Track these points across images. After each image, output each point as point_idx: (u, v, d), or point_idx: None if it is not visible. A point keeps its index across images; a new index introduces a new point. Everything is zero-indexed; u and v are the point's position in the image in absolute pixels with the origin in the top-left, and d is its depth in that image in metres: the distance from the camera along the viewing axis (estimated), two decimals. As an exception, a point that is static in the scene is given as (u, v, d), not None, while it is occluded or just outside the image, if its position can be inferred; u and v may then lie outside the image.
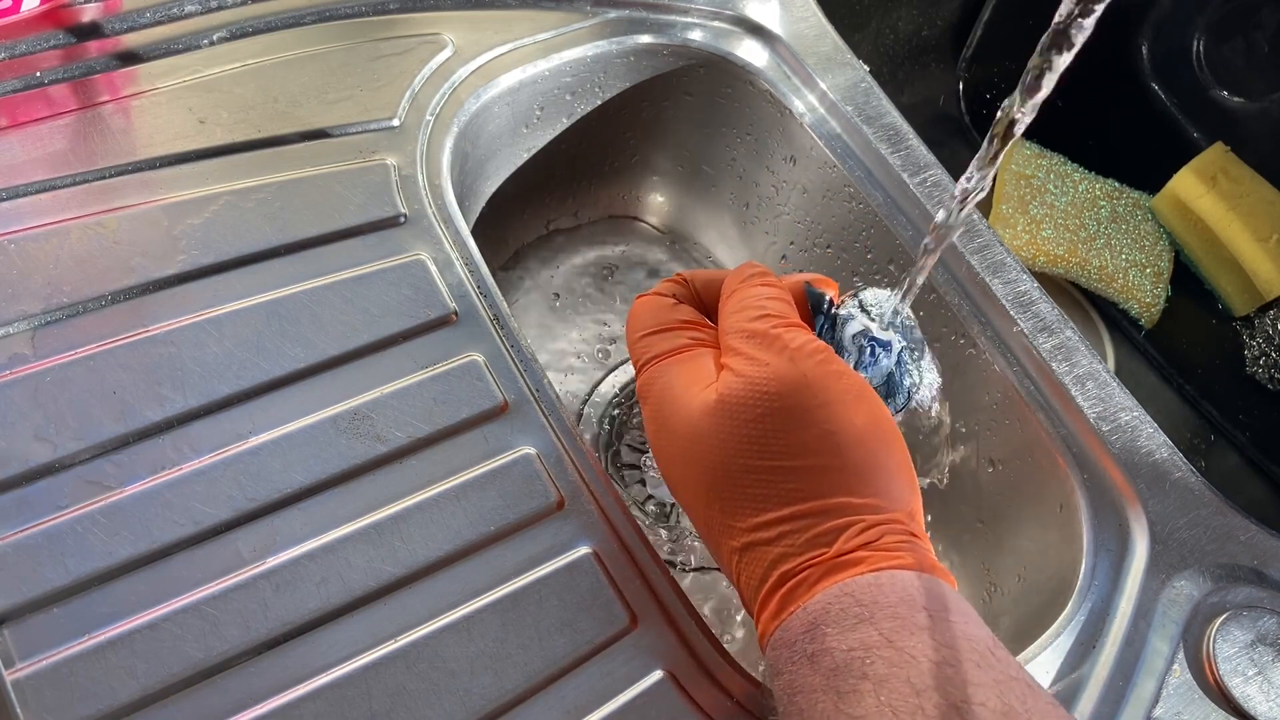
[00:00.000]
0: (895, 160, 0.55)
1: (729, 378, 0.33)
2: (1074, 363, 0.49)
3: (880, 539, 0.30)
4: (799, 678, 0.29)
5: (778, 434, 0.31)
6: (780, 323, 0.34)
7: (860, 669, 0.28)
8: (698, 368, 0.34)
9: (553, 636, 0.36)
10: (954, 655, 0.28)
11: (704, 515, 0.33)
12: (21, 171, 0.42)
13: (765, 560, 0.31)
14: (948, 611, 0.29)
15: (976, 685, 0.27)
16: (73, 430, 0.36)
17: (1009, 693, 0.27)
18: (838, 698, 0.27)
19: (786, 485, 0.31)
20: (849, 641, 0.28)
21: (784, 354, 0.32)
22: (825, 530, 0.30)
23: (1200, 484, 0.46)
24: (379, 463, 0.38)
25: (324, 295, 0.42)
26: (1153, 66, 0.78)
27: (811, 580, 0.30)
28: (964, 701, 0.26)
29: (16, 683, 0.31)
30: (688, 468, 0.33)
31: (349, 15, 0.52)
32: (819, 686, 0.28)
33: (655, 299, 0.38)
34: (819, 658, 0.28)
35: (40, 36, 0.46)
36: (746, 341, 0.33)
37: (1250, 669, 0.41)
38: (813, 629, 0.29)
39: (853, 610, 0.29)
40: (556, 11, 0.56)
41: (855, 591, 0.29)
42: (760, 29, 0.59)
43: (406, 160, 0.48)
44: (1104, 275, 0.71)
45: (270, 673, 0.33)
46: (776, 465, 0.31)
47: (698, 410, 0.33)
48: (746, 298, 0.35)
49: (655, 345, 0.36)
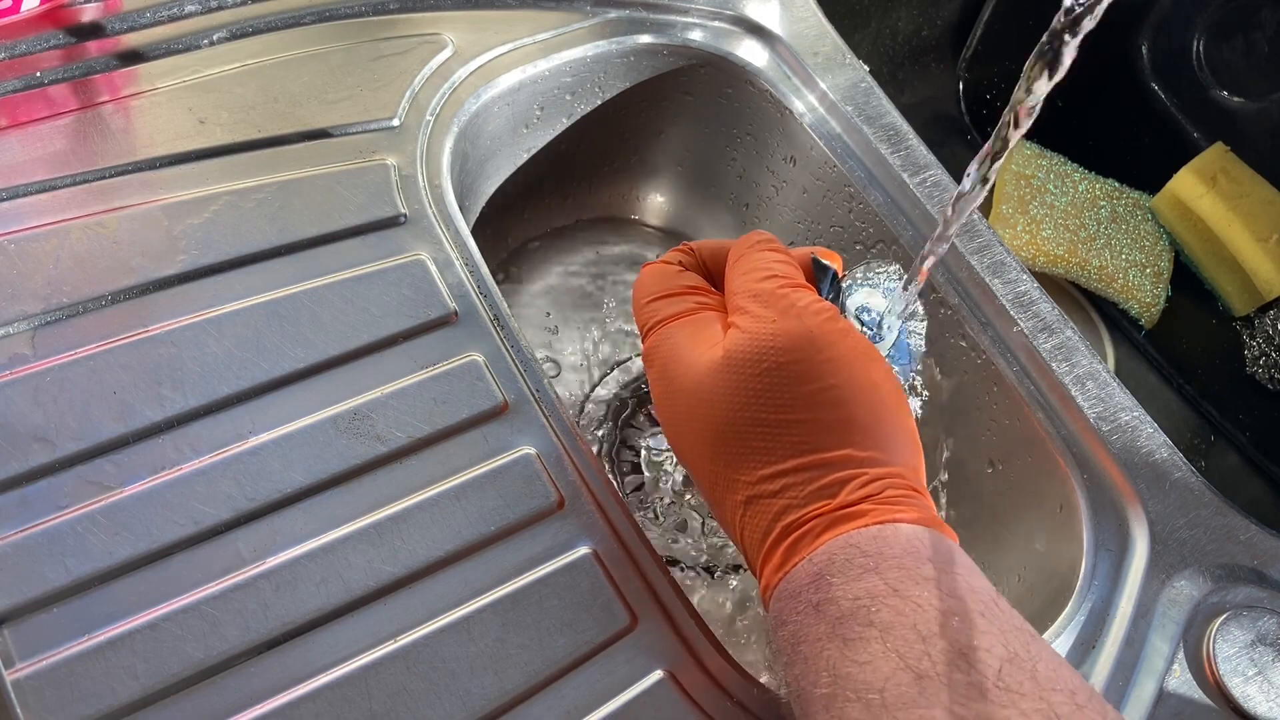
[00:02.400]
0: (895, 160, 0.55)
1: (735, 334, 0.33)
2: (1074, 363, 0.49)
3: (883, 492, 0.31)
4: (804, 627, 0.29)
5: (783, 388, 0.31)
6: (787, 283, 0.34)
7: (866, 616, 0.28)
8: (704, 329, 0.35)
9: (553, 636, 0.36)
10: (959, 605, 0.28)
11: (708, 471, 0.33)
12: (21, 171, 0.42)
13: (769, 513, 0.31)
14: (952, 564, 0.29)
15: (982, 633, 0.27)
16: (73, 430, 0.36)
17: (1013, 640, 0.27)
18: (843, 644, 0.28)
19: (791, 438, 0.31)
20: (855, 590, 0.28)
21: (790, 311, 0.33)
22: (829, 483, 0.31)
23: (1200, 484, 0.46)
24: (379, 463, 0.38)
25: (324, 295, 0.42)
26: (1153, 66, 0.78)
27: (816, 531, 0.30)
28: (969, 647, 0.27)
29: (16, 683, 0.31)
30: (693, 424, 0.33)
31: (349, 15, 0.52)
32: (824, 634, 0.28)
33: (661, 266, 0.38)
34: (824, 606, 0.29)
35: (40, 36, 0.46)
36: (753, 300, 0.34)
37: (1250, 669, 0.41)
38: (818, 579, 0.29)
39: (858, 560, 0.29)
40: (556, 11, 0.56)
41: (860, 543, 0.29)
42: (760, 29, 0.59)
43: (406, 160, 0.48)
44: (1104, 275, 0.71)
45: (270, 673, 0.33)
46: (781, 419, 0.31)
47: (704, 367, 0.33)
48: (754, 261, 0.36)
49: (662, 309, 0.36)
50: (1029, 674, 0.26)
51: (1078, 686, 0.27)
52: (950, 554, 0.30)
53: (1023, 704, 0.25)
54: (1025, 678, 0.26)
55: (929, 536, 0.30)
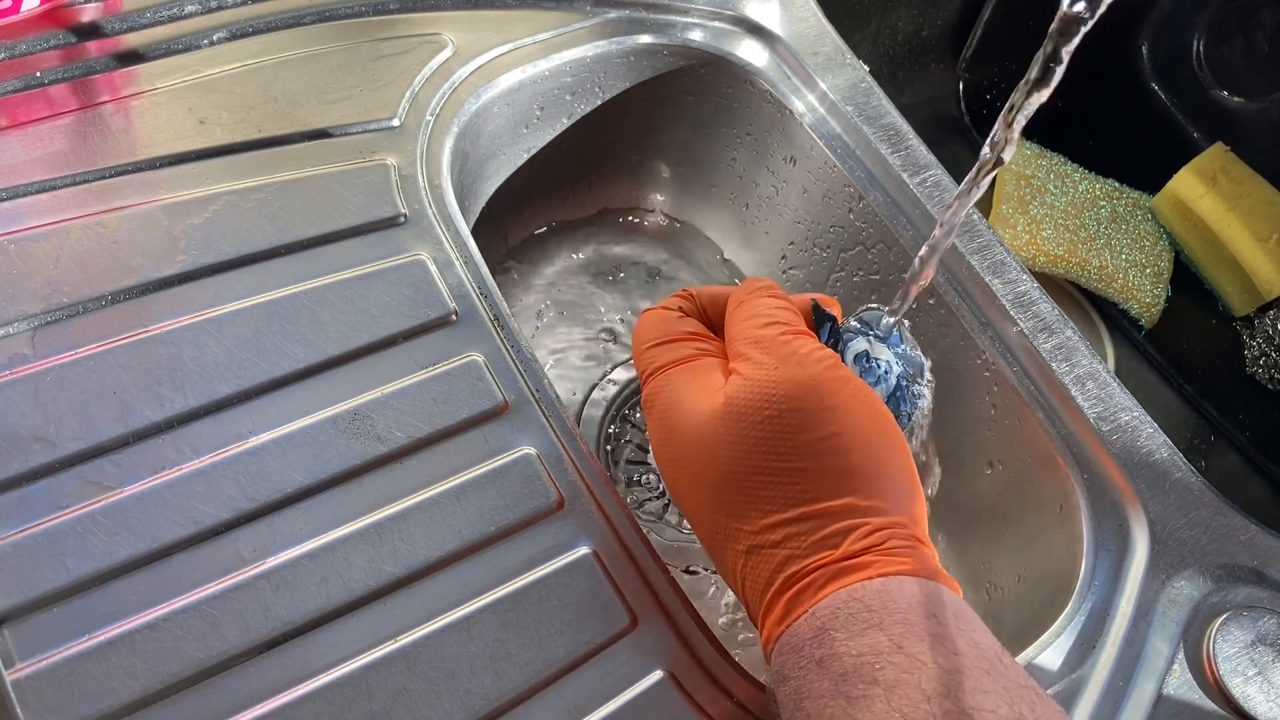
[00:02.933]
0: (895, 160, 0.55)
1: (737, 381, 0.33)
2: (1074, 363, 0.49)
3: (886, 542, 0.30)
4: (806, 683, 0.29)
5: (785, 436, 0.31)
6: (789, 330, 0.34)
7: (870, 674, 0.27)
8: (704, 375, 0.34)
9: (553, 636, 0.36)
10: (963, 662, 0.28)
11: (709, 520, 0.33)
12: (21, 171, 0.42)
13: (771, 563, 0.31)
14: (957, 619, 0.29)
15: (986, 692, 0.27)
16: (73, 430, 0.36)
17: (1018, 700, 0.27)
18: (847, 703, 0.27)
19: (793, 487, 0.31)
20: (858, 646, 0.28)
21: (792, 359, 0.32)
22: (832, 533, 0.31)
23: (1200, 484, 0.46)
24: (379, 463, 0.38)
25: (324, 295, 0.42)
26: (1153, 66, 0.78)
27: (819, 583, 0.30)
28: (974, 708, 0.26)
29: (16, 683, 0.31)
30: (694, 472, 0.33)
31: (349, 15, 0.52)
32: (827, 691, 0.28)
33: (661, 312, 0.38)
34: (827, 662, 0.28)
35: (40, 36, 0.46)
36: (755, 347, 0.33)
37: (1250, 669, 0.41)
38: (821, 633, 0.29)
39: (861, 615, 0.29)
40: (556, 11, 0.56)
41: (864, 597, 0.29)
42: (760, 29, 0.59)
43: (406, 160, 0.48)
44: (1104, 275, 0.71)
45: (270, 673, 0.33)
46: (783, 467, 0.31)
47: (705, 414, 0.33)
48: (755, 307, 0.35)
49: (661, 356, 0.36)
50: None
51: None
52: (955, 609, 0.29)
53: None
54: None
55: (933, 590, 0.30)
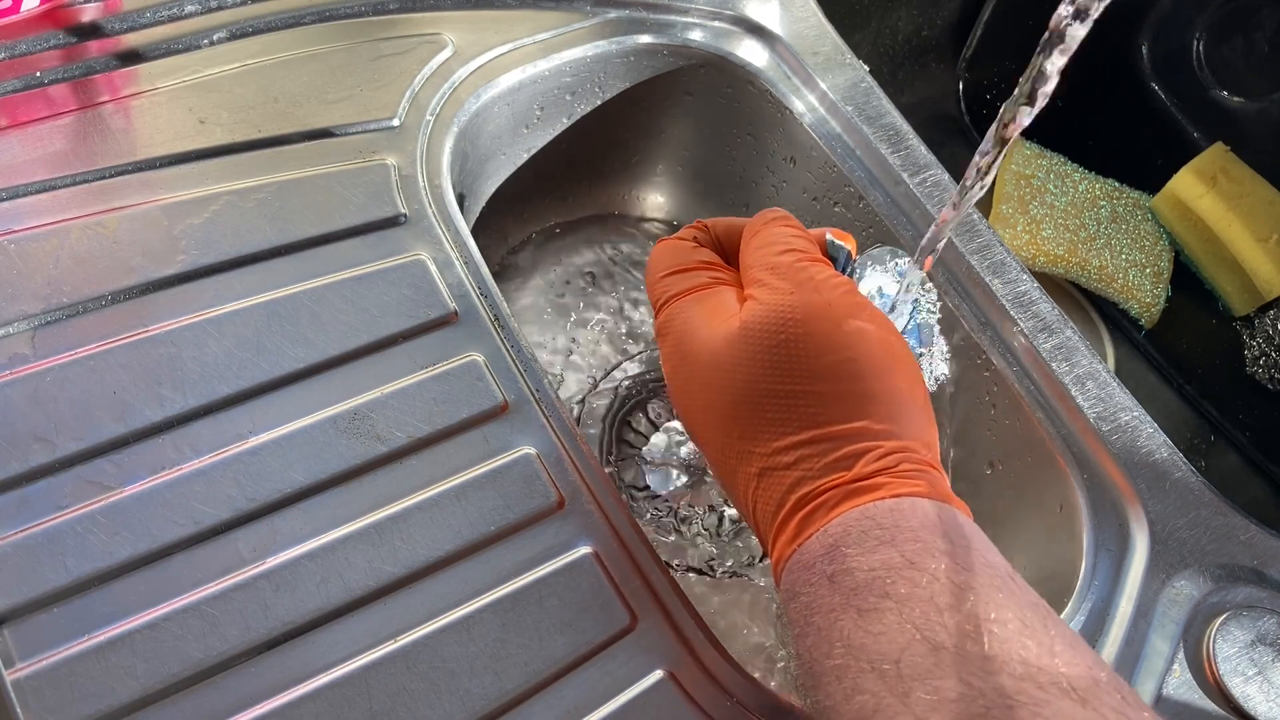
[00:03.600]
0: (895, 160, 0.55)
1: (752, 305, 0.33)
2: (1074, 363, 0.49)
3: (898, 465, 0.30)
4: (817, 598, 0.29)
5: (800, 359, 0.31)
6: (805, 257, 0.34)
7: (882, 588, 0.28)
8: (719, 302, 0.34)
9: (553, 636, 0.36)
10: (974, 579, 0.28)
11: (720, 443, 0.33)
12: (21, 171, 0.42)
13: (783, 485, 0.31)
14: (968, 539, 0.29)
15: (999, 606, 0.27)
16: (73, 430, 0.36)
17: (1030, 616, 0.27)
18: (858, 615, 0.28)
19: (806, 409, 0.31)
20: (870, 562, 0.28)
21: (809, 284, 0.32)
22: (844, 454, 0.31)
23: (1200, 484, 0.46)
24: (379, 463, 0.38)
25: (324, 295, 0.42)
26: (1153, 66, 0.78)
27: (830, 503, 0.30)
28: (986, 620, 0.27)
29: (16, 683, 0.31)
30: (708, 395, 0.33)
31: (349, 15, 0.52)
32: (839, 605, 0.28)
33: (675, 242, 0.38)
34: (839, 578, 0.29)
35: (40, 36, 0.46)
36: (771, 273, 0.33)
37: (1250, 669, 0.41)
38: (832, 550, 0.29)
39: (874, 533, 0.29)
40: (556, 11, 0.56)
41: (875, 515, 0.29)
42: (760, 29, 0.59)
43: (406, 160, 0.48)
44: (1104, 275, 0.71)
45: (270, 673, 0.33)
46: (797, 389, 0.31)
47: (720, 338, 0.33)
48: (771, 235, 0.35)
49: (675, 284, 0.36)
50: (1046, 649, 0.26)
51: (1094, 663, 0.27)
52: (966, 529, 0.30)
53: (1040, 678, 0.25)
54: (1043, 653, 0.26)
55: (945, 511, 0.30)
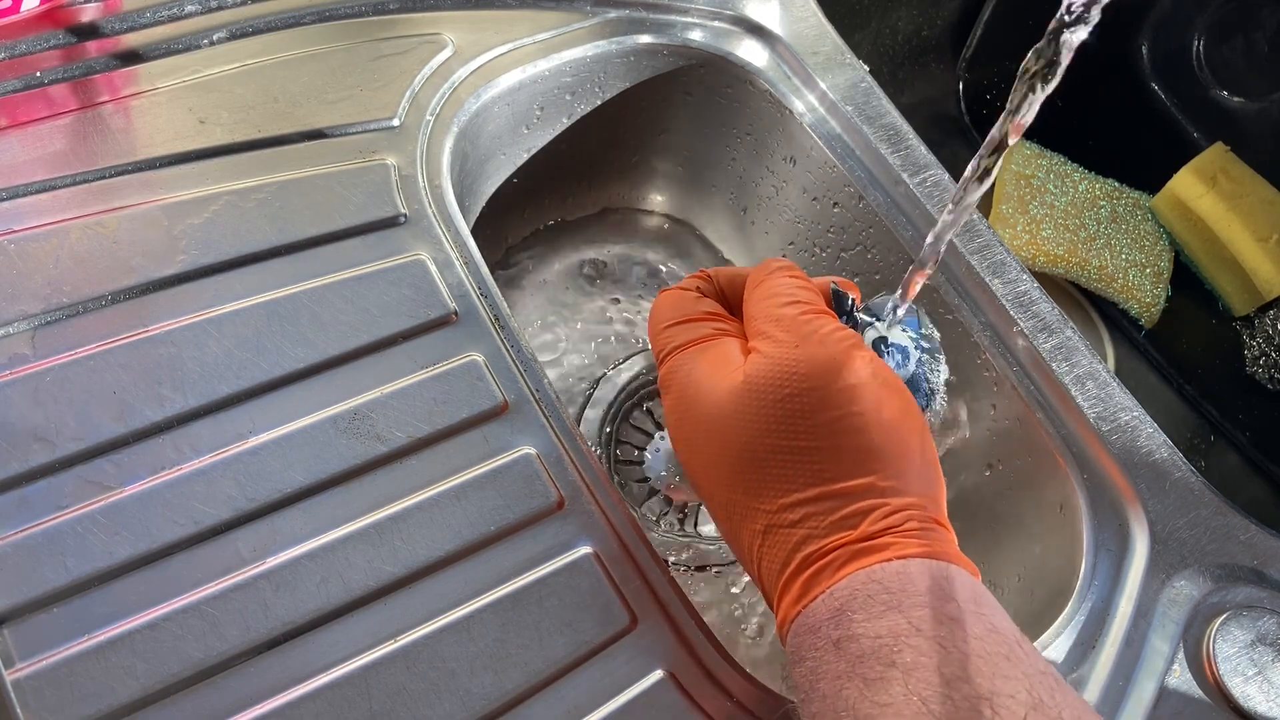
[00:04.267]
0: (895, 160, 0.55)
1: (756, 359, 0.32)
2: (1074, 363, 0.49)
3: (905, 524, 0.30)
4: (823, 664, 0.29)
5: (805, 415, 0.31)
6: (809, 309, 0.34)
7: (888, 656, 0.27)
8: (723, 355, 0.34)
9: (553, 636, 0.36)
10: (983, 647, 0.27)
11: (725, 499, 0.33)
12: (21, 171, 0.42)
13: (788, 543, 0.31)
14: (976, 603, 0.29)
15: (1006, 677, 0.27)
16: (73, 430, 0.36)
17: (1038, 686, 0.27)
18: (864, 685, 0.27)
19: (812, 466, 0.31)
20: (877, 629, 0.28)
21: (813, 337, 0.32)
22: (850, 513, 0.30)
23: (1200, 484, 0.46)
24: (379, 463, 0.38)
25: (324, 295, 0.42)
26: (1153, 66, 0.78)
27: (837, 564, 0.30)
28: (993, 693, 0.26)
29: (16, 683, 0.31)
30: (711, 450, 0.33)
31: (349, 15, 0.52)
32: (844, 673, 0.28)
33: (678, 292, 0.37)
34: (845, 644, 0.28)
35: (40, 36, 0.46)
36: (775, 325, 0.33)
37: (1250, 669, 0.41)
38: (839, 615, 0.29)
39: (880, 597, 0.28)
40: (556, 11, 0.56)
41: (883, 579, 0.29)
42: (760, 29, 0.59)
43: (406, 160, 0.48)
44: (1104, 275, 0.71)
45: (270, 673, 0.33)
46: (803, 446, 0.31)
47: (724, 392, 0.32)
48: (775, 286, 0.35)
49: (679, 335, 0.36)
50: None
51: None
52: (974, 593, 0.29)
53: None
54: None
55: (953, 574, 0.29)
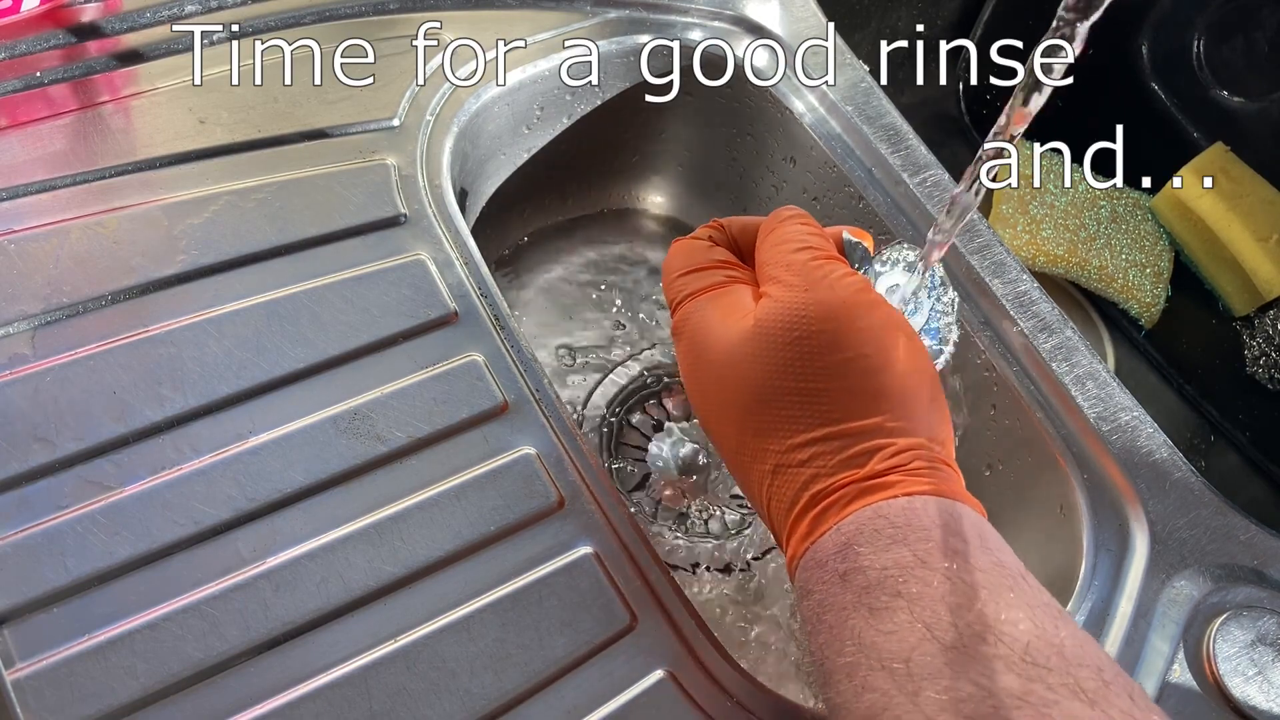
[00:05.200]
0: (895, 160, 0.55)
1: (768, 303, 0.33)
2: (1074, 363, 0.49)
3: (912, 463, 0.31)
4: (830, 596, 0.29)
5: (814, 356, 0.31)
6: (820, 255, 0.34)
7: (894, 587, 0.28)
8: (734, 300, 0.35)
9: (553, 636, 0.36)
10: (987, 579, 0.28)
11: (735, 441, 0.33)
12: (21, 171, 0.42)
13: (797, 482, 0.31)
14: (980, 538, 0.29)
15: (1009, 607, 0.27)
16: (73, 430, 0.36)
17: (1041, 616, 0.27)
18: (870, 614, 0.28)
19: (821, 406, 0.31)
20: (883, 560, 0.28)
21: (824, 282, 0.33)
22: (858, 452, 0.31)
23: (1200, 484, 0.46)
24: (379, 463, 0.38)
25: (324, 295, 0.42)
26: (1153, 66, 0.78)
27: (844, 501, 0.30)
28: (997, 621, 0.27)
29: (16, 683, 0.31)
30: (722, 392, 0.33)
31: (349, 15, 0.52)
32: (850, 604, 0.28)
33: (691, 241, 0.38)
34: (851, 576, 0.29)
35: (40, 36, 0.46)
36: (786, 271, 0.33)
37: (1250, 669, 0.41)
38: (845, 548, 0.29)
39: (886, 531, 0.29)
40: (556, 11, 0.56)
41: (889, 514, 0.29)
42: (760, 29, 0.59)
43: (406, 160, 0.48)
44: (1104, 275, 0.71)
45: (270, 673, 0.33)
46: (812, 387, 0.31)
47: (735, 336, 0.33)
48: (787, 233, 0.35)
49: (691, 283, 0.36)
50: (1055, 650, 0.26)
51: (1104, 664, 0.27)
52: (979, 528, 0.30)
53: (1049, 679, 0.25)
54: (1052, 653, 0.26)
55: (958, 510, 0.30)
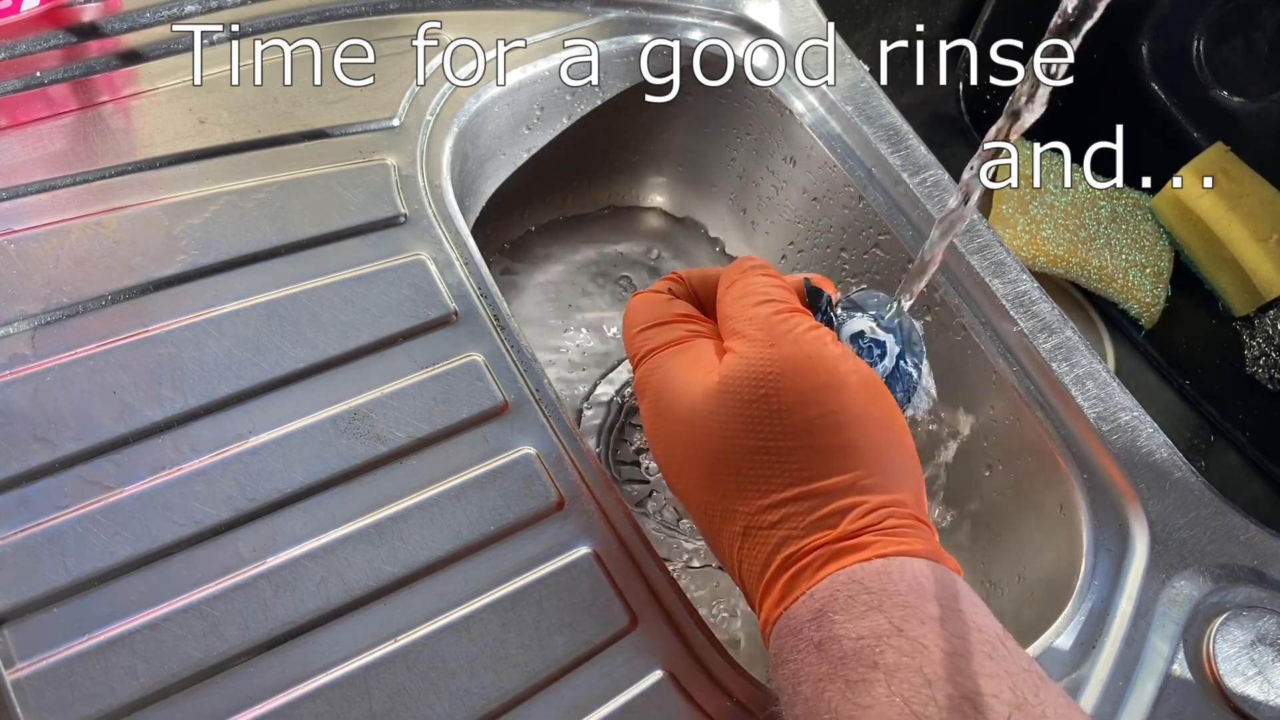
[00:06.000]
0: (895, 160, 0.55)
1: (731, 360, 0.32)
2: (1074, 363, 0.49)
3: (885, 521, 0.30)
4: (805, 666, 0.29)
5: (781, 414, 0.31)
6: (783, 308, 0.34)
7: (870, 658, 0.27)
8: (697, 356, 0.34)
9: (553, 636, 0.36)
10: (965, 646, 0.27)
11: (704, 502, 0.33)
12: (21, 171, 0.42)
13: (768, 545, 0.31)
14: (958, 601, 0.29)
15: (989, 676, 0.27)
16: (73, 430, 0.36)
17: (1022, 684, 0.27)
18: (846, 686, 0.27)
19: (789, 466, 0.31)
20: (858, 629, 0.28)
21: (787, 337, 0.32)
22: (830, 512, 0.30)
23: (1200, 484, 0.46)
24: (379, 463, 0.38)
25: (324, 295, 0.42)
26: (1153, 66, 0.78)
27: (817, 564, 0.30)
28: (976, 693, 0.26)
29: (16, 683, 0.31)
30: (688, 452, 0.33)
31: (349, 15, 0.52)
32: (826, 675, 0.28)
33: (651, 295, 0.37)
34: (827, 645, 0.28)
35: (40, 36, 0.46)
36: (748, 325, 0.33)
37: (1250, 669, 0.41)
38: (820, 616, 0.29)
39: (861, 597, 0.28)
40: (556, 11, 0.56)
41: (863, 578, 0.29)
42: (760, 29, 0.59)
43: (406, 160, 0.48)
44: (1104, 275, 0.71)
45: (270, 673, 0.33)
46: (779, 445, 0.31)
47: (699, 394, 0.32)
48: (749, 285, 0.35)
49: (653, 338, 0.35)
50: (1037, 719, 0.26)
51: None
52: (955, 590, 0.29)
53: None
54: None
55: (934, 571, 0.29)
